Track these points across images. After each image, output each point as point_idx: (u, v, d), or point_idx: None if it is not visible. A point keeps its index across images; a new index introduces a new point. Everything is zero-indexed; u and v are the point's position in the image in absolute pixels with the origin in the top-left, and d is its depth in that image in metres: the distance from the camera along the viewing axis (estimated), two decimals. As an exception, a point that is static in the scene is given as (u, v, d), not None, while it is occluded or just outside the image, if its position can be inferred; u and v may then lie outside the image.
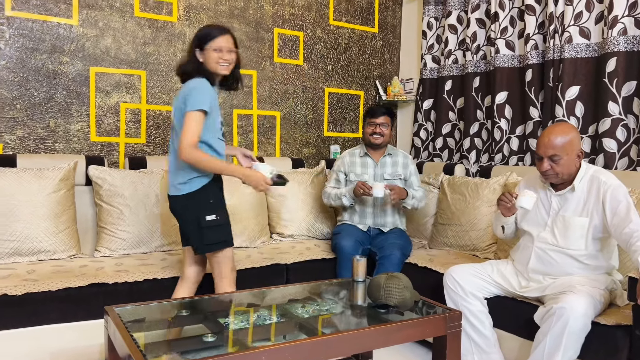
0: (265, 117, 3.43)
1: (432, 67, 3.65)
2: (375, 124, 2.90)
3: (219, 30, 2.07)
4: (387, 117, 2.92)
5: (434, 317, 1.78)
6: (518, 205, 2.11)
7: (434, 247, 3.09)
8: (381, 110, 2.92)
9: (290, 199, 3.13)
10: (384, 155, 2.96)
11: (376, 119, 2.91)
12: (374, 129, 2.90)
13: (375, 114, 2.91)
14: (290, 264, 2.69)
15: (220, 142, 2.11)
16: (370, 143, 2.93)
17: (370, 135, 2.91)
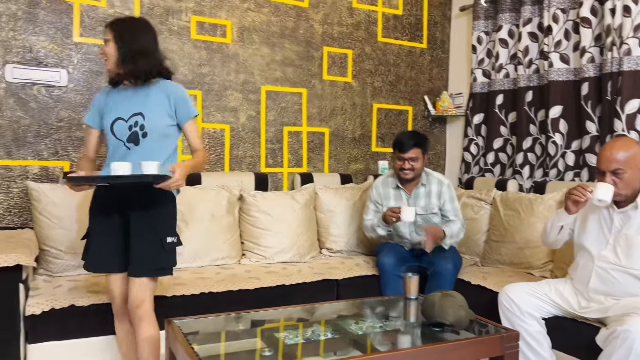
0: (315, 133, 3.48)
1: (483, 81, 3.62)
2: (404, 159, 2.69)
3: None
4: (418, 150, 2.68)
5: (491, 337, 1.75)
6: (595, 199, 1.95)
7: (486, 265, 3.03)
8: (410, 143, 2.66)
9: (339, 214, 3.16)
10: (417, 187, 2.77)
11: (405, 154, 2.68)
12: (402, 164, 2.69)
13: (404, 148, 2.67)
14: (340, 280, 2.70)
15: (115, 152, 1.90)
16: (400, 177, 2.76)
17: (399, 170, 2.72)
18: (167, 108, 1.90)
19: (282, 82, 3.35)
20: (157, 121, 1.88)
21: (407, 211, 2.54)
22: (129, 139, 1.87)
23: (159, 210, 1.89)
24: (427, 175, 2.79)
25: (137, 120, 1.86)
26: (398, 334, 1.83)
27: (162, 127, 1.89)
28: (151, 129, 1.87)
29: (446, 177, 2.88)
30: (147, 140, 1.87)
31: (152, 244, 1.86)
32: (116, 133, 1.88)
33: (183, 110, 1.91)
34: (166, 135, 1.91)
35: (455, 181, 3.83)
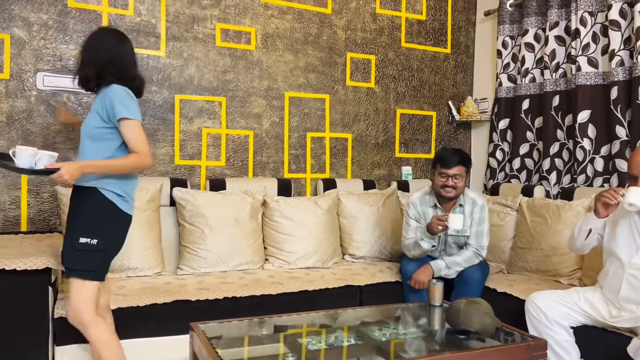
0: (337, 139, 3.48)
1: (508, 86, 3.57)
2: (447, 176, 2.57)
3: None
4: (462, 168, 2.56)
5: (518, 345, 1.71)
6: (627, 202, 1.88)
7: (512, 272, 2.97)
8: (455, 160, 2.55)
9: (362, 220, 3.14)
10: (455, 207, 2.67)
11: (449, 170, 2.56)
12: (445, 182, 2.56)
13: (448, 164, 2.55)
14: (363, 286, 2.69)
15: None
16: (439, 195, 2.65)
17: (441, 187, 2.58)
18: (100, 110, 1.87)
19: (305, 88, 3.37)
20: (87, 122, 1.90)
21: (454, 219, 2.42)
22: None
23: (78, 207, 1.88)
24: (463, 195, 2.68)
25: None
26: (422, 341, 1.80)
27: (90, 128, 1.88)
28: (83, 130, 1.91)
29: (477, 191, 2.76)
30: (81, 142, 1.92)
31: (67, 242, 1.87)
32: None
33: (111, 112, 1.85)
34: (95, 137, 1.88)
35: (480, 187, 3.78)
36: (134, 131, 1.85)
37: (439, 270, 2.58)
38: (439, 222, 2.47)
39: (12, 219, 2.72)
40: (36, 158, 1.73)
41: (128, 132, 1.85)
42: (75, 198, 1.91)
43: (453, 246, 2.72)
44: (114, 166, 1.84)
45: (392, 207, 3.26)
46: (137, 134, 1.85)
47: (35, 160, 1.72)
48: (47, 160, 1.74)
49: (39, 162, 1.71)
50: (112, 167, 1.84)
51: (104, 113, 1.86)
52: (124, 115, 1.82)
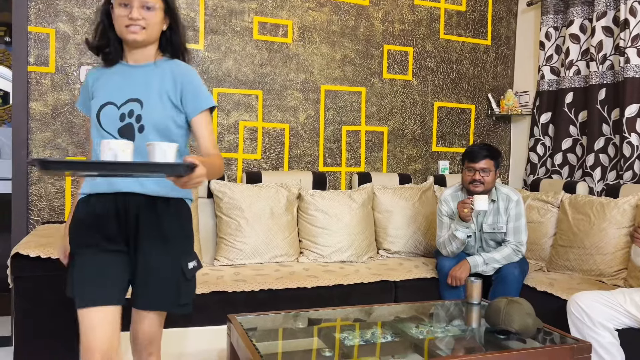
0: (373, 132, 3.45)
1: (551, 79, 3.45)
2: (475, 170, 2.54)
3: None
4: (490, 161, 2.53)
5: (560, 348, 1.67)
6: None
7: (552, 270, 2.89)
8: (482, 154, 2.53)
9: (398, 214, 3.11)
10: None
11: (476, 164, 2.53)
12: (473, 176, 2.54)
13: (475, 158, 2.53)
14: (398, 282, 2.66)
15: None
16: (469, 191, 2.60)
17: (469, 183, 2.56)
18: (172, 95, 1.47)
19: (342, 81, 3.34)
20: (159, 112, 1.45)
21: (479, 199, 2.40)
22: (121, 132, 1.44)
23: (177, 225, 1.50)
24: (496, 191, 2.63)
25: (132, 108, 1.44)
26: (461, 340, 1.77)
27: (164, 121, 1.45)
28: (149, 122, 1.44)
29: (513, 185, 2.71)
30: (143, 138, 1.44)
31: (171, 272, 1.48)
32: (103, 123, 1.45)
33: (192, 99, 1.48)
34: (166, 132, 1.47)
35: (520, 183, 3.68)
36: (211, 125, 1.51)
37: (476, 266, 2.54)
38: (464, 205, 2.45)
39: (57, 209, 2.80)
40: (164, 150, 1.24)
41: (209, 127, 1.49)
42: (152, 212, 1.47)
43: (490, 243, 2.66)
44: (217, 167, 1.42)
45: (429, 202, 3.21)
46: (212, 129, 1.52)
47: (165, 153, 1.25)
48: (175, 154, 1.26)
49: (168, 154, 1.24)
50: (218, 168, 1.43)
51: (176, 98, 1.48)
52: (213, 104, 1.50)
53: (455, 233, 2.54)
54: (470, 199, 2.45)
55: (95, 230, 1.45)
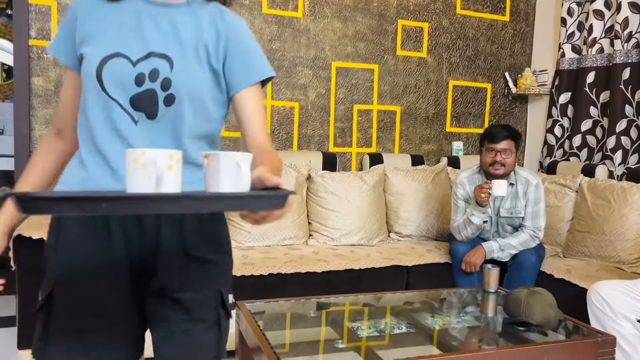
0: (385, 112, 3.34)
1: (572, 57, 3.31)
2: (496, 151, 2.44)
3: None
4: (511, 142, 2.44)
5: (584, 342, 1.59)
6: None
7: (569, 256, 2.81)
8: (503, 134, 2.43)
9: (410, 197, 3.02)
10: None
11: (496, 145, 2.44)
12: (494, 157, 2.44)
13: (496, 139, 2.43)
14: (410, 267, 2.59)
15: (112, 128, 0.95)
16: (489, 173, 2.51)
17: (489, 165, 2.46)
18: (213, 55, 0.98)
19: (354, 57, 3.22)
20: (197, 78, 0.96)
21: (498, 185, 2.29)
22: (135, 102, 0.94)
23: (212, 235, 1.01)
24: (515, 174, 2.53)
25: (156, 67, 0.94)
26: (479, 332, 1.70)
27: (201, 91, 0.96)
28: (183, 91, 0.94)
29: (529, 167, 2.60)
30: (170, 115, 0.94)
31: (208, 310, 0.99)
32: (109, 85, 0.93)
33: (241, 65, 0.99)
34: (203, 112, 0.98)
35: (536, 165, 3.58)
36: (264, 106, 1.04)
37: (491, 252, 2.46)
38: (481, 190, 2.35)
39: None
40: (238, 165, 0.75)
41: (262, 108, 1.02)
42: (175, 220, 0.97)
43: (507, 228, 2.58)
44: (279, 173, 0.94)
45: (442, 184, 3.12)
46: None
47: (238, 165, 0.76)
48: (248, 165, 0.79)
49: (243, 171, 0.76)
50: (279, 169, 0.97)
51: (217, 59, 0.99)
52: (271, 74, 1.03)
53: (471, 218, 2.45)
54: (488, 184, 2.35)
55: (90, 248, 0.94)
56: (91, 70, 0.93)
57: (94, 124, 0.95)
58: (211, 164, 0.74)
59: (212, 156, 0.74)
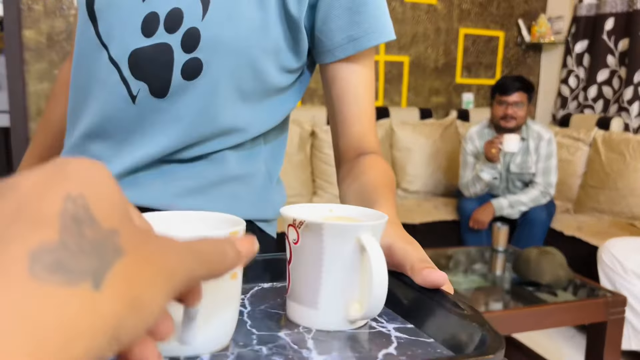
0: (393, 63, 3.20)
1: (590, 2, 3.13)
2: (507, 104, 2.35)
3: None
4: (523, 94, 2.35)
5: (594, 301, 1.55)
6: None
7: (580, 212, 2.74)
8: (515, 85, 2.35)
9: (417, 152, 2.94)
10: None
11: (508, 97, 2.34)
12: (505, 110, 2.35)
13: (508, 90, 2.34)
14: (417, 224, 2.54)
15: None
16: (499, 127, 2.42)
17: (500, 118, 2.37)
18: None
19: (359, 5, 3.05)
20: (255, 32, 0.56)
21: (509, 140, 2.23)
22: (139, 64, 0.57)
23: None
24: (527, 128, 2.44)
25: (180, 5, 0.55)
26: (487, 292, 1.66)
27: (269, 56, 0.58)
28: (224, 53, 0.56)
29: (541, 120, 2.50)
30: (195, 90, 0.57)
31: None
32: (101, 21, 0.58)
33: (346, 16, 0.59)
34: (258, 86, 0.60)
35: (549, 118, 3.45)
36: (374, 83, 0.66)
37: (500, 209, 2.40)
38: (491, 145, 2.27)
39: (59, 145, 2.68)
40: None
41: (372, 82, 0.65)
42: None
43: (517, 184, 2.50)
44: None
45: (451, 138, 3.03)
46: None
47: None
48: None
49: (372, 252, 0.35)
50: None
51: (299, 4, 0.57)
52: (392, 36, 0.63)
53: (481, 174, 2.37)
54: (498, 138, 2.26)
55: None
56: (82, 7, 0.59)
57: (75, 88, 0.62)
58: (304, 243, 0.37)
59: (305, 227, 0.36)
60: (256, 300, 0.42)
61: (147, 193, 0.59)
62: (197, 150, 0.59)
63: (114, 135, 0.59)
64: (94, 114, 0.59)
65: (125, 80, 0.57)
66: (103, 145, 0.60)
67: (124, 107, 0.57)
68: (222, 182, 0.61)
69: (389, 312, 0.40)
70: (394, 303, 0.39)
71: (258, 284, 0.46)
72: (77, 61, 0.61)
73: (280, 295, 0.44)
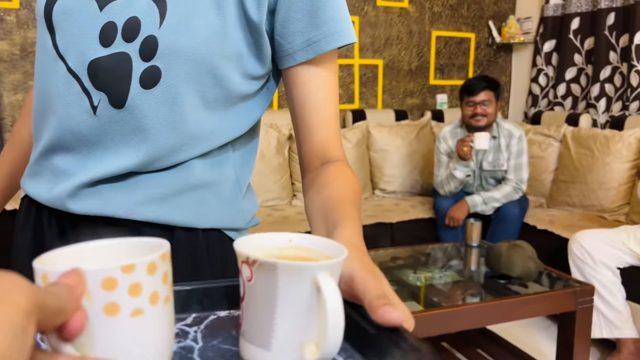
0: (367, 66, 3.26)
1: (556, 3, 3.22)
2: (475, 103, 2.42)
3: None
4: (489, 92, 2.42)
5: (563, 292, 1.61)
6: None
7: (553, 206, 2.82)
8: (481, 85, 2.41)
9: (393, 153, 2.99)
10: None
11: (475, 97, 2.41)
12: (474, 110, 2.41)
13: (474, 91, 2.41)
14: (395, 223, 2.59)
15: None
16: (471, 126, 2.47)
17: (470, 117, 2.43)
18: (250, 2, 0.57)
19: (333, 10, 3.10)
20: (214, 39, 0.56)
21: (480, 137, 2.30)
22: (98, 74, 0.56)
23: None
24: (497, 126, 2.50)
25: (137, 13, 0.55)
26: (460, 286, 1.71)
27: (230, 62, 0.58)
28: (183, 61, 0.56)
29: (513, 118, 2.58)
30: (153, 99, 0.56)
31: None
32: (58, 32, 0.57)
33: (306, 19, 0.59)
34: (221, 94, 0.59)
35: (521, 116, 3.54)
36: (337, 85, 0.66)
37: (474, 206, 2.46)
38: (463, 144, 2.35)
39: (35, 156, 2.67)
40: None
41: (335, 86, 0.64)
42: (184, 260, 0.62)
43: (490, 181, 2.57)
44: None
45: (426, 139, 3.09)
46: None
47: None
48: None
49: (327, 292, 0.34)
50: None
51: (260, 9, 0.57)
52: (352, 39, 0.62)
53: (454, 172, 2.44)
54: (470, 137, 2.33)
55: None
56: (40, 3, 0.59)
57: (37, 100, 0.61)
58: (258, 282, 0.36)
59: (259, 266, 0.35)
60: (209, 333, 0.40)
61: (109, 202, 0.58)
62: (164, 162, 0.58)
63: (76, 148, 0.58)
64: (55, 127, 0.59)
65: (86, 91, 0.56)
66: (66, 158, 0.59)
67: (85, 119, 0.57)
68: (187, 190, 0.61)
69: (348, 347, 0.38)
70: (353, 338, 0.38)
71: (214, 312, 0.44)
72: (37, 74, 0.61)
73: (237, 326, 0.41)
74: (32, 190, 0.63)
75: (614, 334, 1.97)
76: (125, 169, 0.58)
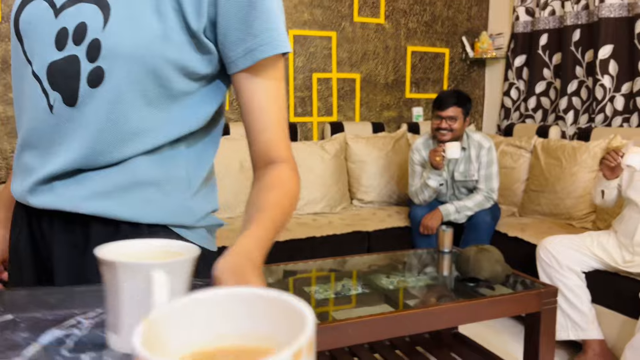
0: (345, 80, 3.35)
1: (526, 20, 3.36)
2: (442, 118, 2.48)
3: None
4: (457, 109, 2.47)
5: (527, 293, 1.68)
6: (624, 164, 1.87)
7: (524, 215, 2.92)
8: (451, 101, 2.46)
9: (371, 164, 3.07)
10: None
11: (442, 112, 2.47)
12: (439, 124, 2.48)
13: (442, 106, 2.47)
14: (371, 232, 2.65)
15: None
16: (437, 139, 2.55)
17: (436, 130, 2.51)
18: (190, 11, 0.62)
19: (311, 25, 3.20)
20: (148, 40, 0.61)
21: (451, 147, 2.38)
22: (53, 75, 0.63)
23: None
24: (467, 138, 2.59)
25: (84, 19, 0.62)
26: (431, 289, 1.78)
27: (157, 63, 0.62)
28: (119, 61, 0.61)
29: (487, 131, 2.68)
30: (100, 98, 0.62)
31: None
32: (25, 39, 0.66)
33: (241, 29, 0.64)
34: (163, 97, 0.65)
35: (494, 128, 3.66)
36: (284, 91, 0.71)
37: (448, 214, 2.54)
38: (435, 154, 2.43)
39: (15, 168, 2.68)
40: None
41: (281, 94, 0.70)
42: None
43: (462, 190, 2.66)
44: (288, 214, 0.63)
45: (402, 150, 3.17)
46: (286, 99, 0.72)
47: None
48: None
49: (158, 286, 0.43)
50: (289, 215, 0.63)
51: (199, 19, 0.62)
52: (287, 49, 0.68)
53: (428, 181, 2.52)
54: (441, 147, 2.42)
55: None
56: (12, 14, 0.67)
57: (14, 102, 0.70)
58: (107, 279, 0.44)
59: (103, 264, 0.43)
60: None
61: (60, 197, 0.65)
62: (109, 157, 0.64)
63: (38, 145, 0.65)
64: (25, 126, 0.67)
65: (45, 91, 0.63)
66: (32, 155, 0.66)
67: (45, 117, 0.64)
68: (132, 186, 0.65)
69: None
70: None
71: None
72: (13, 80, 0.69)
73: None
74: (12, 188, 0.70)
75: (580, 336, 2.04)
76: (72, 164, 0.64)
